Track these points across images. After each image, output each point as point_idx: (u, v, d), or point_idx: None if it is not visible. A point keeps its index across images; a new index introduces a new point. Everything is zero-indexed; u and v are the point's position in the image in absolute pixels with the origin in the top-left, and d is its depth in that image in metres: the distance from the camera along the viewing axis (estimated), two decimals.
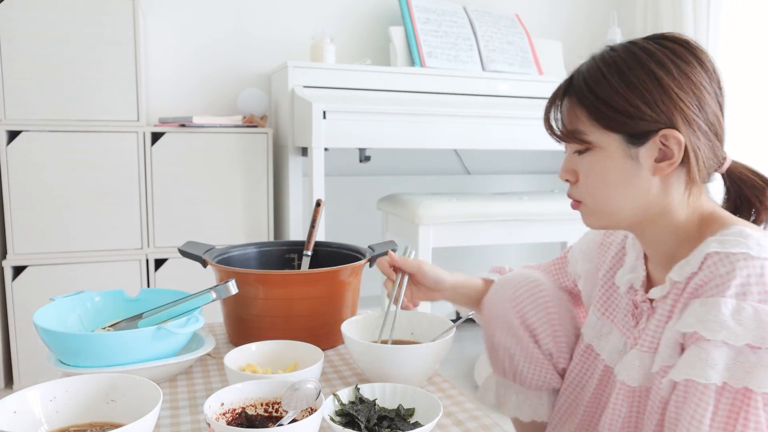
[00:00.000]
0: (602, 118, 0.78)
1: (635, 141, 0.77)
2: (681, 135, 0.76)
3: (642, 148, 0.78)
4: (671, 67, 0.76)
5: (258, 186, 2.25)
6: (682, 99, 0.76)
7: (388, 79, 2.35)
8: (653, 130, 0.76)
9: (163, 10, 2.45)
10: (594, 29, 3.13)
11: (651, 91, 0.76)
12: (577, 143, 0.81)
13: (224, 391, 0.74)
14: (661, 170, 0.78)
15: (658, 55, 0.77)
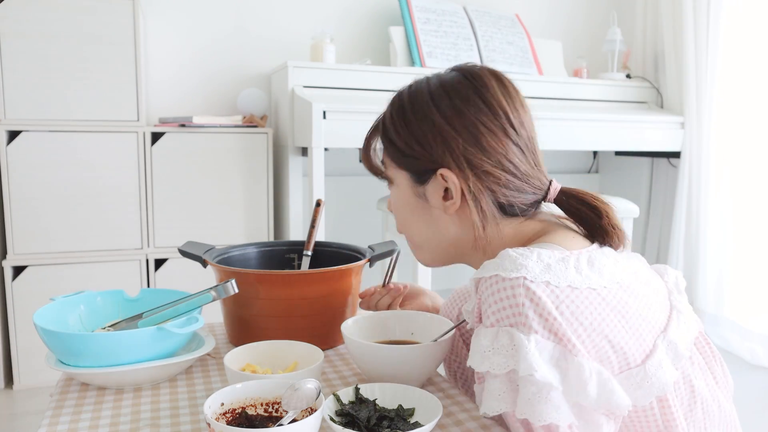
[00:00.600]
0: (390, 155, 0.81)
1: (419, 179, 0.79)
2: (453, 175, 0.75)
3: (427, 186, 0.79)
4: (444, 106, 0.75)
5: (258, 186, 2.25)
6: (453, 138, 0.74)
7: (388, 79, 2.35)
8: (431, 169, 0.77)
9: (163, 10, 2.45)
10: (594, 29, 3.13)
11: (424, 131, 0.76)
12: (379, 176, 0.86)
13: (224, 391, 0.74)
14: (448, 208, 0.78)
15: (436, 93, 0.77)
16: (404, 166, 0.79)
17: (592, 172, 3.23)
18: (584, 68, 2.84)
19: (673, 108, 2.74)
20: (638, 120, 2.54)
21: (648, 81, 2.86)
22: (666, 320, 0.73)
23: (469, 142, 0.74)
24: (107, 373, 0.86)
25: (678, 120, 2.65)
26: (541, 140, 0.82)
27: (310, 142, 2.04)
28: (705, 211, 2.63)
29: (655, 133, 2.60)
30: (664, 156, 2.89)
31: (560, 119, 2.34)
